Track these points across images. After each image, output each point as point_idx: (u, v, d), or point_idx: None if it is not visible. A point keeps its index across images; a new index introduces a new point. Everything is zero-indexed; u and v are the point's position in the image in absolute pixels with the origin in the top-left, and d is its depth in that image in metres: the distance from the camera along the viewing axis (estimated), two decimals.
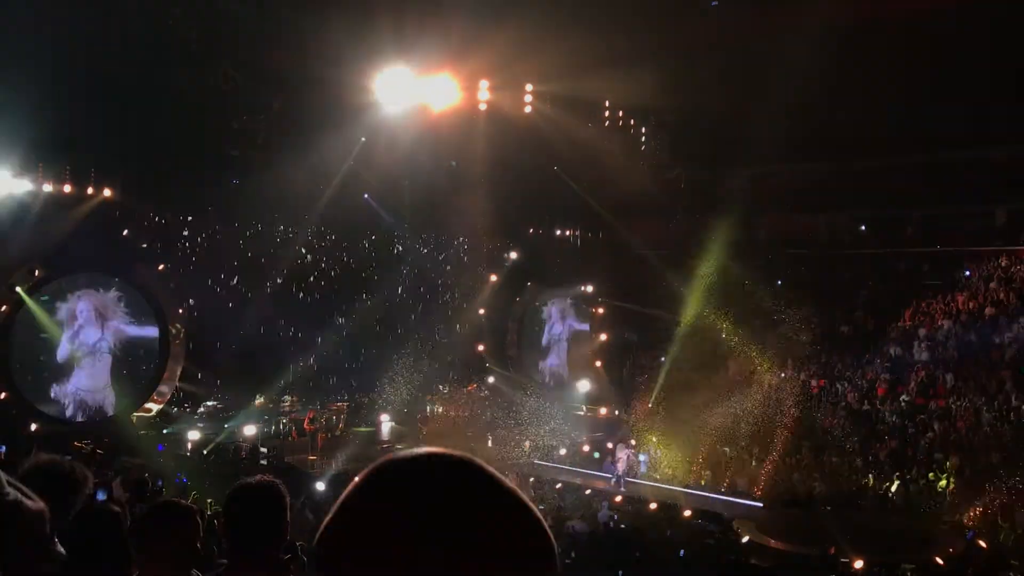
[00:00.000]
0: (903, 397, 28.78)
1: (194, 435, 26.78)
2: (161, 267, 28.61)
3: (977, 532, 20.79)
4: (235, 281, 28.86)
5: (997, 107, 31.25)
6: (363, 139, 30.08)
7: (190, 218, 28.99)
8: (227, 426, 28.18)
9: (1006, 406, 26.47)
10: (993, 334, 29.62)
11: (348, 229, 31.74)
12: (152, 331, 28.35)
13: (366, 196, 30.77)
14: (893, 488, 24.18)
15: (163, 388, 28.57)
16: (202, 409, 29.32)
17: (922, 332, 31.33)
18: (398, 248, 33.43)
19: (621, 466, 25.92)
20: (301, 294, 31.16)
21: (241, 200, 28.92)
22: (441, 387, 34.05)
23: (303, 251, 31.28)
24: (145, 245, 28.27)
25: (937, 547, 19.66)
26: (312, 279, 31.45)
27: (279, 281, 30.41)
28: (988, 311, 30.73)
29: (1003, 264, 32.69)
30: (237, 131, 27.46)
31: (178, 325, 28.55)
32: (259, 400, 30.10)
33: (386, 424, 30.11)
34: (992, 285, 31.82)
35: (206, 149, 26.45)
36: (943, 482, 24.12)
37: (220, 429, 27.94)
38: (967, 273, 33.20)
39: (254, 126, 27.77)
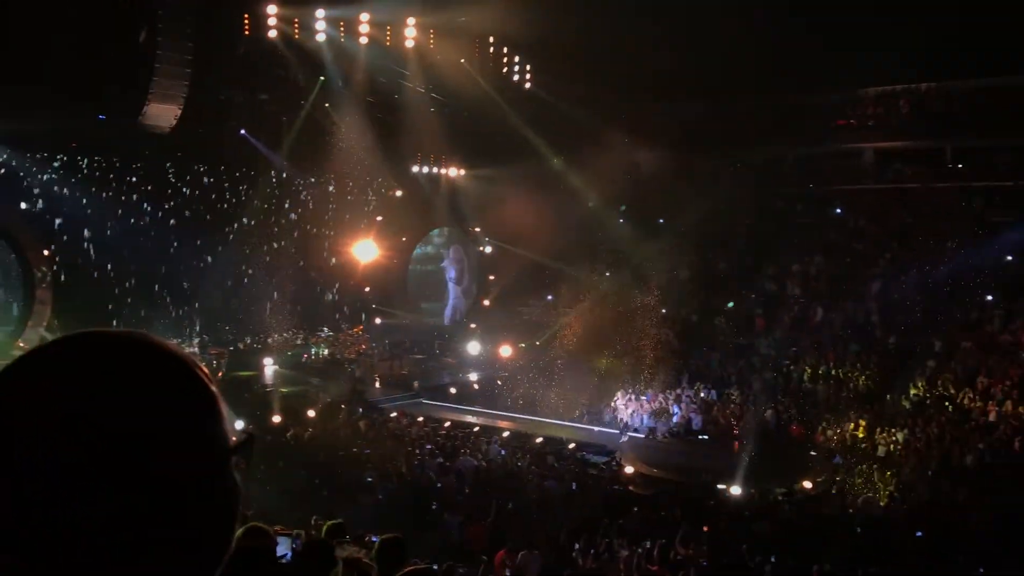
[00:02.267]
0: (777, 332, 29.99)
1: None
2: (24, 206, 26.95)
3: (843, 456, 21.99)
4: (107, 222, 27.46)
5: (867, 48, 32.28)
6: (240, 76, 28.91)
7: (59, 155, 27.28)
8: None
9: (872, 336, 27.93)
10: (862, 268, 31.11)
11: (225, 166, 30.49)
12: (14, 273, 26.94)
13: (243, 132, 29.60)
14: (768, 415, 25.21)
15: (30, 334, 27.15)
16: None
17: (795, 268, 32.58)
18: (278, 187, 32.36)
19: (625, 417, 25.52)
20: (175, 235, 29.80)
21: (115, 137, 27.40)
22: (326, 329, 33.57)
23: (179, 189, 29.91)
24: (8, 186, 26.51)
25: (807, 472, 20.71)
26: (187, 218, 30.14)
27: (159, 219, 29.07)
28: (857, 246, 32.19)
29: (871, 200, 34.18)
30: (108, 65, 25.79)
31: (43, 268, 27.07)
32: None
33: (269, 368, 29.50)
34: (861, 222, 33.28)
35: (76, 83, 24.71)
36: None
37: None
38: (838, 211, 34.58)
39: (127, 60, 26.17)
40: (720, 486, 19.01)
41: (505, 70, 33.07)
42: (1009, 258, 28.93)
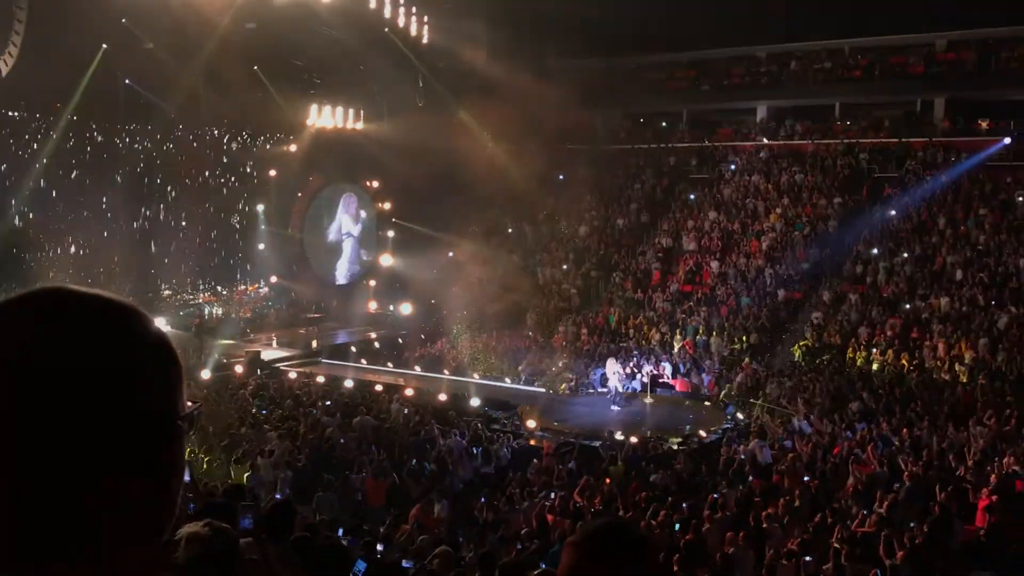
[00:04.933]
0: (672, 286, 30.62)
1: None
2: None
3: (736, 406, 22.75)
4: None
5: (760, 6, 32.92)
6: (123, 20, 27.44)
7: None
8: None
9: (763, 291, 28.80)
10: (754, 224, 31.95)
11: (108, 117, 29.05)
12: None
13: (127, 81, 28.21)
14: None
15: None
16: None
17: (690, 224, 33.23)
18: (168, 139, 31.02)
19: (615, 382, 24.65)
20: (56, 190, 28.36)
21: None
22: (219, 288, 32.64)
23: (58, 142, 28.37)
24: None
25: (702, 423, 21.37)
26: (71, 172, 28.71)
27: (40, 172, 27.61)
28: (749, 202, 32.99)
29: (763, 157, 35.04)
30: None
31: None
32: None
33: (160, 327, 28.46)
34: (753, 177, 34.10)
35: None
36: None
37: None
38: (732, 167, 35.34)
39: None
40: (619, 438, 19.40)
41: (402, 22, 32.37)
42: (892, 213, 30.16)
